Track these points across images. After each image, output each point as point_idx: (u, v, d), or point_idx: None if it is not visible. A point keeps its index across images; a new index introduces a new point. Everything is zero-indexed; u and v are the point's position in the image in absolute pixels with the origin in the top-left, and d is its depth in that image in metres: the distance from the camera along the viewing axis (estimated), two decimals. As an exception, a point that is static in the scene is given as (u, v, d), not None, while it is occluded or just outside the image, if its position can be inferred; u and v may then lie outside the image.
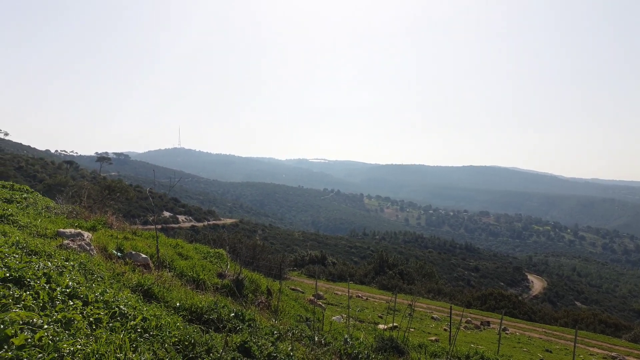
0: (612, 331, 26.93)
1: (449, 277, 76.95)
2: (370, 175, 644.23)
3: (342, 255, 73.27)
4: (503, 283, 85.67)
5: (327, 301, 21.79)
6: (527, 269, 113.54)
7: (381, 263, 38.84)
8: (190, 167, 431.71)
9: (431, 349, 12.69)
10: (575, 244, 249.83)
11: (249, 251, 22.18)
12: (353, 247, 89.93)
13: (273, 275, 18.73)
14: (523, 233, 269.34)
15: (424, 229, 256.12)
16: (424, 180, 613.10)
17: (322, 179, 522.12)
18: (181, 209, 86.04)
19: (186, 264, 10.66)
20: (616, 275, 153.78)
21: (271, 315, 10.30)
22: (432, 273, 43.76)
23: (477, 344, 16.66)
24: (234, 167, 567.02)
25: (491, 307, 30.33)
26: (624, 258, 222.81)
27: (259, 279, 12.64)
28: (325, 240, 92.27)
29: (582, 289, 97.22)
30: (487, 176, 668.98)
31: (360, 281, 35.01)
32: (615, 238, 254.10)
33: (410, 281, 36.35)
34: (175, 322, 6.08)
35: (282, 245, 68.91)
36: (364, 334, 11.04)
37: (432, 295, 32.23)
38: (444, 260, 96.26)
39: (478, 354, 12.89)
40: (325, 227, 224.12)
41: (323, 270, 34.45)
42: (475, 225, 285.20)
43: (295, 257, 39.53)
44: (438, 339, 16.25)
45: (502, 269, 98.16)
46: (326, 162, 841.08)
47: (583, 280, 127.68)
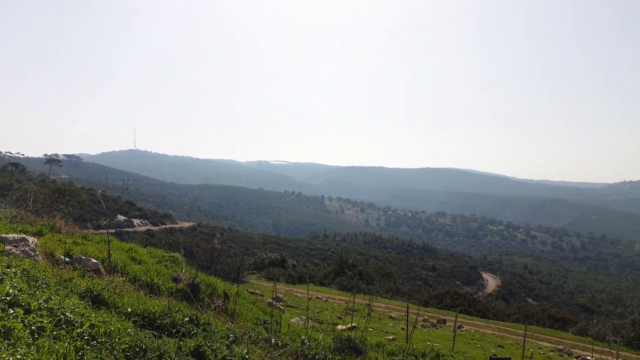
0: (560, 325, 28.06)
1: (407, 277, 78.22)
2: (331, 177, 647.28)
3: (302, 257, 73.20)
4: (459, 282, 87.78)
5: (287, 303, 21.72)
6: (482, 268, 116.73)
7: (341, 264, 39.04)
8: (147, 170, 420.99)
9: (389, 348, 12.85)
10: (527, 242, 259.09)
11: (207, 255, 21.85)
12: (314, 249, 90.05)
13: (231, 279, 18.49)
14: (478, 233, 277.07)
15: (384, 229, 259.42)
16: (384, 182, 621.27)
17: (283, 181, 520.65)
18: (136, 213, 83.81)
19: (140, 269, 10.39)
20: (564, 272, 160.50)
21: (228, 318, 10.19)
22: (391, 273, 44.36)
23: (434, 342, 16.99)
24: (192, 169, 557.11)
25: (447, 305, 31.01)
26: (572, 255, 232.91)
27: (216, 282, 12.47)
28: (286, 243, 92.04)
29: (534, 286, 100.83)
30: (444, 178, 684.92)
31: (320, 283, 35.08)
32: (564, 236, 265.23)
33: (369, 281, 36.72)
34: (126, 328, 5.91)
35: (241, 249, 68.23)
36: (322, 335, 11.06)
37: (390, 294, 32.66)
38: (402, 260, 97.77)
39: (434, 351, 13.12)
40: (286, 230, 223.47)
41: (283, 273, 34.32)
42: (432, 225, 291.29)
43: (254, 260, 39.20)
44: (396, 338, 16.47)
45: (458, 268, 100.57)
46: (287, 164, 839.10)
47: (534, 278, 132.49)
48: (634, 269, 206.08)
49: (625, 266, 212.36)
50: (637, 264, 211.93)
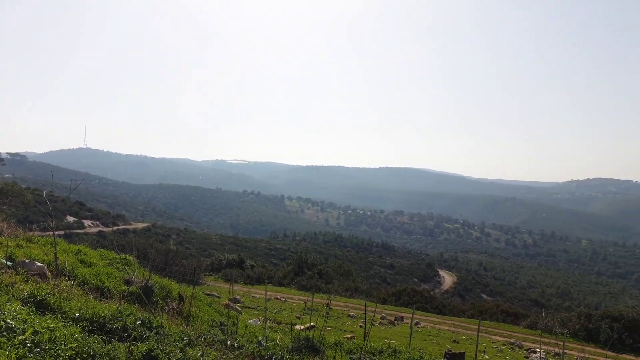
0: (512, 320, 29.01)
1: (366, 275, 79.00)
2: (291, 177, 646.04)
3: (261, 257, 72.67)
4: (416, 279, 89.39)
5: (244, 305, 21.51)
6: (438, 265, 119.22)
7: (300, 264, 39.00)
8: (98, 169, 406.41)
9: (346, 346, 12.94)
10: (482, 240, 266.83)
11: (161, 256, 21.33)
12: (273, 249, 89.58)
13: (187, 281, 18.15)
14: (435, 231, 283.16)
15: (343, 228, 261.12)
16: (344, 181, 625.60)
17: (242, 180, 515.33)
18: (87, 214, 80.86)
19: (89, 272, 10.03)
20: (517, 268, 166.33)
21: (183, 321, 9.98)
22: (350, 272, 44.68)
23: (391, 339, 17.23)
24: (147, 169, 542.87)
25: (405, 302, 31.47)
26: (524, 252, 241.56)
27: (171, 284, 12.19)
28: (245, 243, 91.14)
29: (488, 282, 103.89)
30: (402, 177, 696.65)
31: (279, 283, 34.93)
32: (517, 234, 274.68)
33: (328, 280, 36.84)
34: (73, 334, 5.68)
35: (198, 250, 67.03)
36: (280, 336, 11.02)
37: (349, 293, 32.87)
38: (361, 258, 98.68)
39: (391, 348, 13.30)
40: (245, 230, 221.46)
41: (241, 274, 33.95)
42: (391, 224, 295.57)
43: (212, 262, 38.58)
44: (354, 336, 16.59)
45: (416, 266, 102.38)
46: (246, 164, 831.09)
47: (489, 274, 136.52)
48: (580, 264, 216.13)
49: (573, 261, 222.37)
50: (583, 259, 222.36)
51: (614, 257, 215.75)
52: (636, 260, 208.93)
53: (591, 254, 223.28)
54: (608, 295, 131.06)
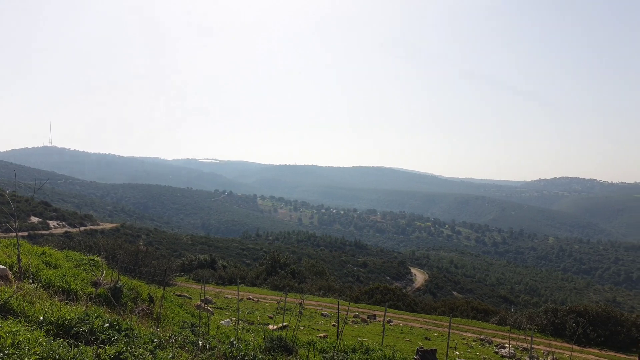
0: (482, 316, 29.53)
1: (339, 274, 79.27)
2: (264, 176, 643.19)
3: (233, 258, 72.08)
4: (389, 277, 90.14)
5: (216, 305, 21.28)
6: (410, 263, 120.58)
7: (273, 263, 38.81)
8: (65, 168, 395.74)
9: (319, 345, 12.94)
10: (453, 238, 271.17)
11: (131, 257, 20.90)
12: (245, 249, 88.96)
13: (157, 282, 17.82)
14: (407, 229, 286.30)
15: (317, 228, 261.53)
16: (317, 180, 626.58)
17: (213, 179, 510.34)
18: (53, 214, 78.57)
19: (55, 274, 9.73)
20: (487, 266, 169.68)
21: (153, 323, 9.79)
22: (323, 271, 44.72)
23: (364, 337, 17.30)
24: (115, 168, 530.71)
25: (377, 300, 31.67)
26: (493, 250, 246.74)
27: (140, 286, 11.95)
28: (216, 244, 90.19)
29: (459, 280, 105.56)
30: (375, 176, 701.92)
31: (251, 283, 34.68)
32: (486, 232, 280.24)
33: (302, 280, 36.79)
34: (37, 338, 5.49)
35: (168, 250, 65.96)
36: (252, 336, 10.93)
37: (322, 292, 32.88)
38: (334, 257, 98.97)
39: (363, 346, 13.36)
40: (217, 230, 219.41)
41: (213, 274, 33.56)
42: (363, 222, 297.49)
43: (182, 262, 38.02)
44: (327, 335, 16.59)
45: (388, 264, 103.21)
46: (217, 163, 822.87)
47: (459, 272, 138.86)
48: (547, 261, 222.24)
49: (540, 258, 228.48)
50: (550, 256, 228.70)
51: (579, 253, 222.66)
52: (600, 256, 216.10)
53: (558, 251, 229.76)
54: (573, 290, 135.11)
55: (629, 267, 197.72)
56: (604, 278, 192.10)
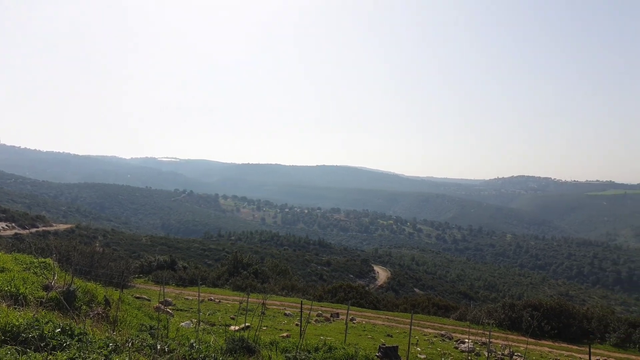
0: (443, 312, 30.11)
1: (303, 273, 79.26)
2: (226, 175, 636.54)
3: (194, 258, 70.92)
4: (352, 275, 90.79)
5: (176, 307, 20.85)
6: (373, 261, 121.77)
7: (236, 264, 38.38)
8: (13, 167, 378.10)
9: (282, 345, 12.89)
10: (414, 236, 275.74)
11: (86, 259, 20.21)
12: (207, 250, 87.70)
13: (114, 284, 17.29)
14: (370, 227, 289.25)
15: (280, 227, 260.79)
16: (281, 179, 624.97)
17: (174, 179, 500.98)
18: (1, 215, 75.05)
19: (2, 277, 9.27)
20: (447, 263, 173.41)
21: (109, 326, 9.45)
22: (287, 270, 44.56)
23: (327, 336, 17.30)
24: (70, 167, 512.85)
25: (341, 299, 31.79)
26: (453, 247, 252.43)
27: (96, 288, 11.54)
28: (176, 244, 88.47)
29: (420, 277, 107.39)
30: (339, 175, 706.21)
31: (213, 284, 34.20)
32: (447, 229, 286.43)
33: (264, 280, 36.54)
34: (-19, 346, 5.18)
35: (126, 252, 64.16)
36: (214, 337, 10.76)
37: (285, 292, 32.76)
38: (298, 256, 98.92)
39: (326, 345, 13.37)
40: (177, 230, 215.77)
41: (173, 276, 32.87)
42: (327, 221, 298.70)
43: (141, 263, 37.05)
44: (290, 335, 16.52)
45: (352, 262, 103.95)
46: (178, 162, 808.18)
47: (421, 269, 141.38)
48: (505, 257, 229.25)
49: (499, 255, 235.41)
50: (508, 252, 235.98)
51: (535, 250, 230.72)
52: (554, 252, 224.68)
53: (515, 248, 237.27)
54: (530, 285, 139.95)
55: (581, 262, 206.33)
56: (557, 273, 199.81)
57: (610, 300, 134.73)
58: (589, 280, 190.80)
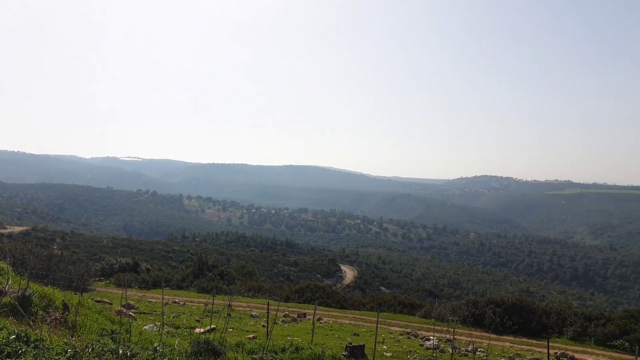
0: (408, 310, 30.51)
1: (269, 274, 78.90)
2: (191, 175, 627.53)
3: (158, 260, 69.50)
4: (319, 275, 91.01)
5: (139, 310, 20.38)
6: (340, 261, 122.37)
7: (201, 265, 37.83)
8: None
9: (249, 347, 12.82)
10: (381, 235, 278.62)
11: (43, 262, 19.48)
12: (171, 251, 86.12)
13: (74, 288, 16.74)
14: (337, 227, 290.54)
15: (247, 228, 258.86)
16: (247, 179, 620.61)
17: (136, 179, 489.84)
18: (-49, 218, 71.78)
19: (-49, 283, 8.81)
20: (412, 261, 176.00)
21: (68, 332, 9.14)
22: (253, 271, 44.27)
23: (294, 336, 17.27)
24: (25, 167, 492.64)
25: (308, 299, 31.80)
26: (419, 245, 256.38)
27: (54, 293, 11.15)
28: (139, 246, 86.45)
29: (386, 275, 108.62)
30: (306, 175, 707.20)
31: (177, 286, 33.61)
32: (412, 228, 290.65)
33: (230, 281, 36.17)
34: None
35: (87, 254, 62.21)
36: (178, 340, 10.60)
37: (252, 293, 32.52)
38: (265, 257, 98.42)
39: (293, 345, 13.35)
40: (140, 232, 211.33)
41: (136, 278, 32.10)
42: (295, 221, 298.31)
43: (102, 266, 36.06)
44: (256, 336, 16.42)
45: (319, 262, 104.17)
46: (140, 161, 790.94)
47: (387, 267, 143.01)
48: (469, 255, 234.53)
49: (463, 253, 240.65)
50: (472, 250, 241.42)
51: (498, 248, 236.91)
52: (515, 250, 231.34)
53: (478, 246, 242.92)
54: (492, 283, 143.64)
55: (541, 259, 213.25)
56: (519, 270, 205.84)
57: (567, 295, 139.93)
58: (548, 277, 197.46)
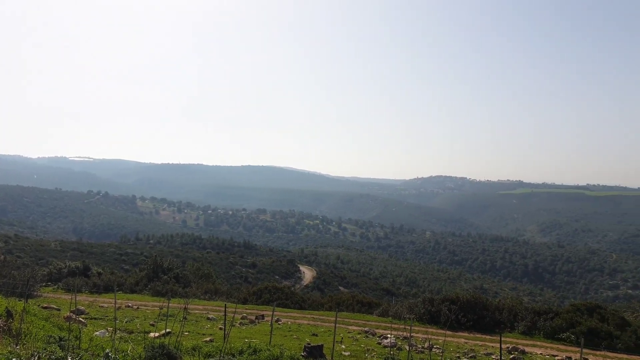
0: (366, 309, 30.81)
1: (227, 276, 77.96)
2: (144, 176, 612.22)
3: (110, 264, 67.39)
4: (278, 276, 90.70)
5: (90, 316, 19.64)
6: (299, 261, 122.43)
7: (155, 268, 36.88)
8: None
9: (205, 350, 12.63)
10: (340, 234, 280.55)
11: (-16, 267, 18.44)
12: (124, 254, 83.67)
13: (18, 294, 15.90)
14: (296, 227, 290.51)
15: (203, 229, 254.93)
16: (203, 180, 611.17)
17: (87, 180, 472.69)
18: None
19: None
20: (370, 260, 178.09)
21: (12, 340, 8.69)
22: (210, 273, 43.55)
23: (252, 338, 17.09)
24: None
25: (266, 300, 31.61)
26: (376, 244, 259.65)
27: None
28: (90, 249, 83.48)
29: (345, 275, 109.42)
30: (265, 175, 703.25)
31: (131, 290, 32.63)
32: (370, 228, 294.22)
33: (186, 284, 35.45)
34: None
35: (32, 259, 59.54)
36: (131, 346, 10.28)
37: (209, 296, 32.00)
38: (222, 259, 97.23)
39: (251, 347, 13.21)
40: (91, 234, 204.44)
41: (86, 282, 30.93)
42: (253, 222, 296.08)
43: (50, 271, 34.52)
44: (213, 339, 16.15)
45: (278, 263, 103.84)
46: (91, 161, 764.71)
47: (345, 267, 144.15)
48: (425, 254, 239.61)
49: (419, 251, 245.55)
50: (428, 249, 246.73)
51: (452, 246, 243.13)
52: (470, 248, 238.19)
53: (434, 244, 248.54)
54: (448, 280, 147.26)
55: (493, 257, 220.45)
56: (473, 267, 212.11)
57: (519, 291, 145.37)
58: (501, 274, 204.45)
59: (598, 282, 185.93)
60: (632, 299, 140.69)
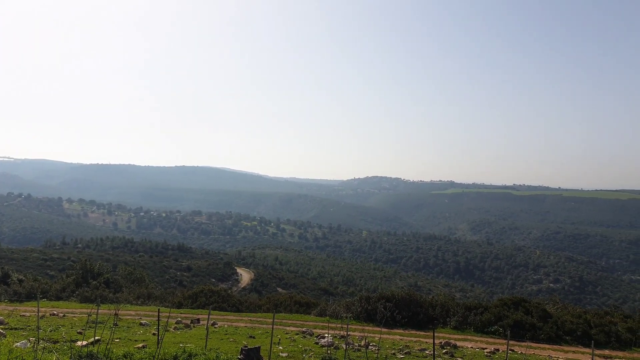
0: (304, 309, 30.90)
1: (160, 280, 75.52)
2: (71, 177, 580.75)
3: (33, 270, 63.25)
4: (214, 279, 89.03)
5: (10, 326, 18.34)
6: (237, 263, 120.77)
7: (84, 273, 35.08)
8: None
9: (137, 357, 12.27)
10: (278, 235, 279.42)
11: None
12: (49, 260, 78.82)
13: None
14: (233, 229, 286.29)
15: (135, 232, 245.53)
16: (135, 181, 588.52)
17: (7, 181, 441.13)
18: None
19: None
20: (309, 260, 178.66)
21: None
22: (142, 278, 42.04)
23: (187, 343, 16.67)
24: None
25: (202, 304, 30.93)
26: (315, 245, 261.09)
27: None
28: (10, 255, 77.89)
29: (283, 276, 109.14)
30: (200, 176, 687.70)
31: (57, 297, 30.78)
32: (308, 228, 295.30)
33: (117, 289, 33.97)
34: None
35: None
36: (56, 356, 9.72)
37: (141, 300, 30.83)
38: (155, 263, 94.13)
39: (186, 352, 12.91)
40: (12, 239, 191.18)
41: (6, 290, 28.84)
42: (188, 225, 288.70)
43: (-36, 279, 32.04)
44: (146, 345, 15.59)
45: (214, 266, 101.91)
46: (12, 161, 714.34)
47: (284, 268, 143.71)
48: (362, 253, 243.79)
49: (356, 250, 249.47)
50: (364, 248, 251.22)
51: (388, 245, 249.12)
52: (404, 246, 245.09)
53: (370, 243, 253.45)
54: (384, 278, 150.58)
55: (427, 255, 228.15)
56: (407, 265, 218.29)
57: (451, 288, 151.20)
58: (434, 271, 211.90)
59: (523, 277, 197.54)
60: (553, 292, 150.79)
